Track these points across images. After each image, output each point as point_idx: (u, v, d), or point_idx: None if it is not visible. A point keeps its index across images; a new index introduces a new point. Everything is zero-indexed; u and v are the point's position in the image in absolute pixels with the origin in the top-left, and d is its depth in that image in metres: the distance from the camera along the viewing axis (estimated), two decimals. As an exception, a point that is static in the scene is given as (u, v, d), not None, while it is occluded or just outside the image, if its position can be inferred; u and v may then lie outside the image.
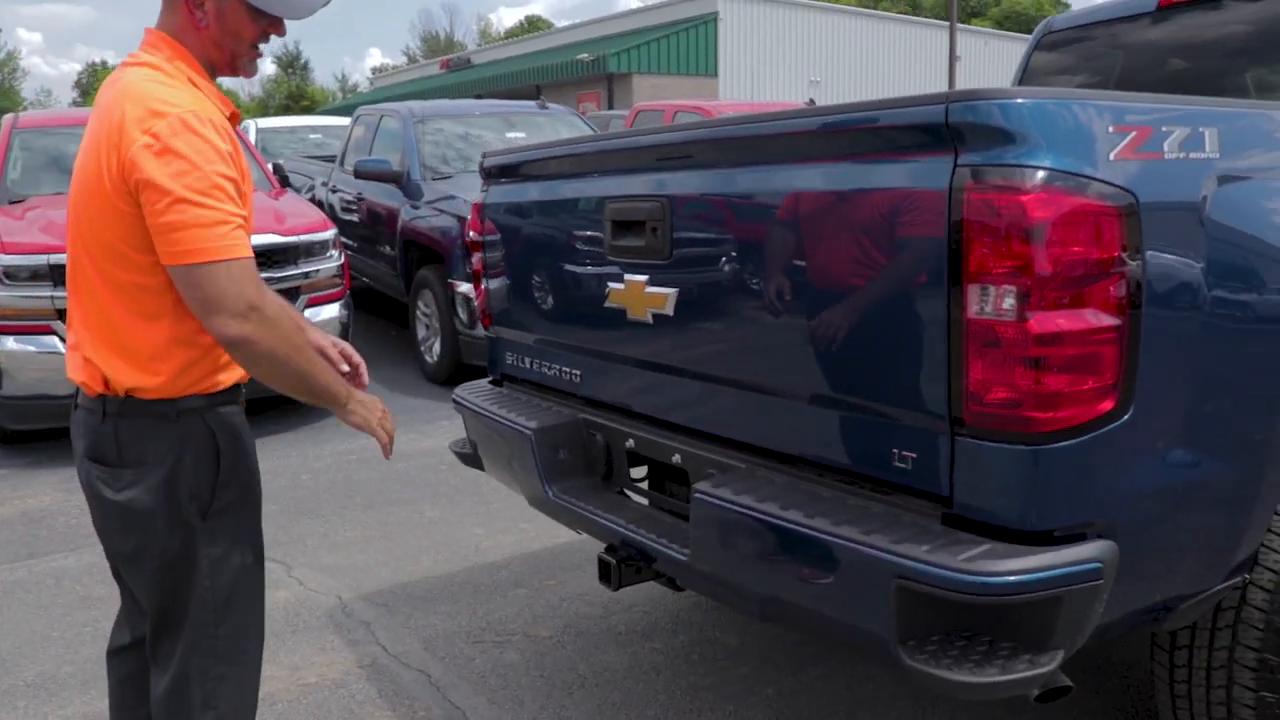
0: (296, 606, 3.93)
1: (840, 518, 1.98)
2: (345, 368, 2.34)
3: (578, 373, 2.97)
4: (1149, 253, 1.81)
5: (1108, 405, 1.79)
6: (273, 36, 2.14)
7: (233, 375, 2.11)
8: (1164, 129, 1.90)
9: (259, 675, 2.22)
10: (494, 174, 3.31)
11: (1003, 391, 1.78)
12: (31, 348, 5.85)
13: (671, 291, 2.45)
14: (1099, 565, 1.78)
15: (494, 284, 3.31)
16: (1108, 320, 1.77)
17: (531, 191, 3.11)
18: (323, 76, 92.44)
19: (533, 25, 72.39)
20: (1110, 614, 1.93)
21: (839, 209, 2.06)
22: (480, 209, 3.32)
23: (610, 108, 29.19)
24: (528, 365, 3.22)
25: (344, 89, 71.15)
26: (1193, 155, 1.93)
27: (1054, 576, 1.74)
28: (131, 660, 2.32)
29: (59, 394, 5.78)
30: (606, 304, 2.69)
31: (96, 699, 3.27)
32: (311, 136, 14.46)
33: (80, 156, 2.02)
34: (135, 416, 2.01)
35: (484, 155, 3.34)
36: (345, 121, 16.33)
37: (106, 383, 2.01)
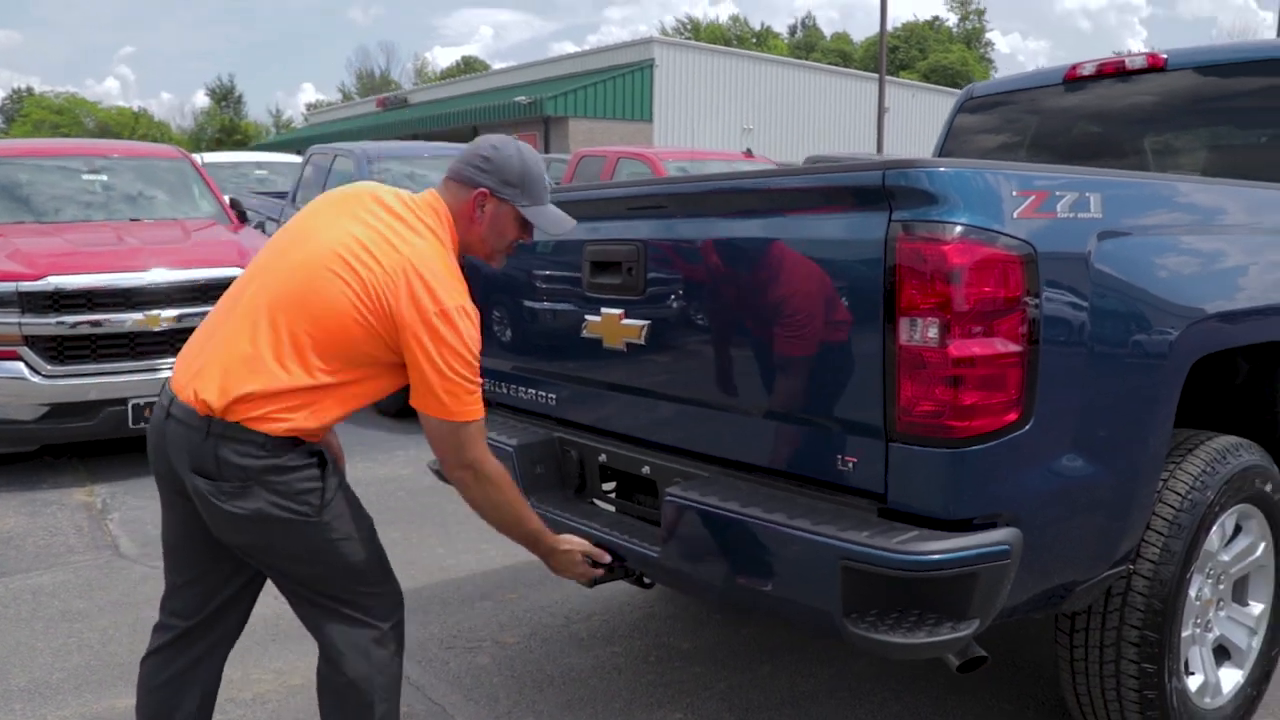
0: (275, 619, 4.16)
1: (793, 512, 2.36)
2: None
3: (553, 396, 3.31)
4: (1045, 293, 2.23)
5: (1013, 416, 2.20)
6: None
7: (319, 437, 2.40)
8: (1057, 193, 2.33)
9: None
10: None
11: (928, 405, 2.17)
12: (-6, 372, 5.98)
13: (645, 323, 2.82)
14: (1007, 547, 2.18)
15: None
16: (1013, 347, 2.18)
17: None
18: (256, 111, 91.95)
19: (469, 66, 73.00)
20: (1018, 595, 2.33)
21: (792, 253, 2.45)
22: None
23: (547, 150, 29.66)
24: (504, 390, 3.55)
25: (278, 124, 70.89)
26: (1080, 215, 2.36)
27: (971, 555, 2.14)
28: (168, 662, 2.54)
29: (22, 419, 5.96)
30: (583, 334, 3.05)
31: (91, 702, 3.50)
32: (257, 172, 14.66)
33: (329, 230, 2.35)
34: (236, 440, 2.26)
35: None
36: (290, 158, 16.62)
37: (226, 407, 2.25)
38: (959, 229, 2.16)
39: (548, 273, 3.25)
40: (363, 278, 2.27)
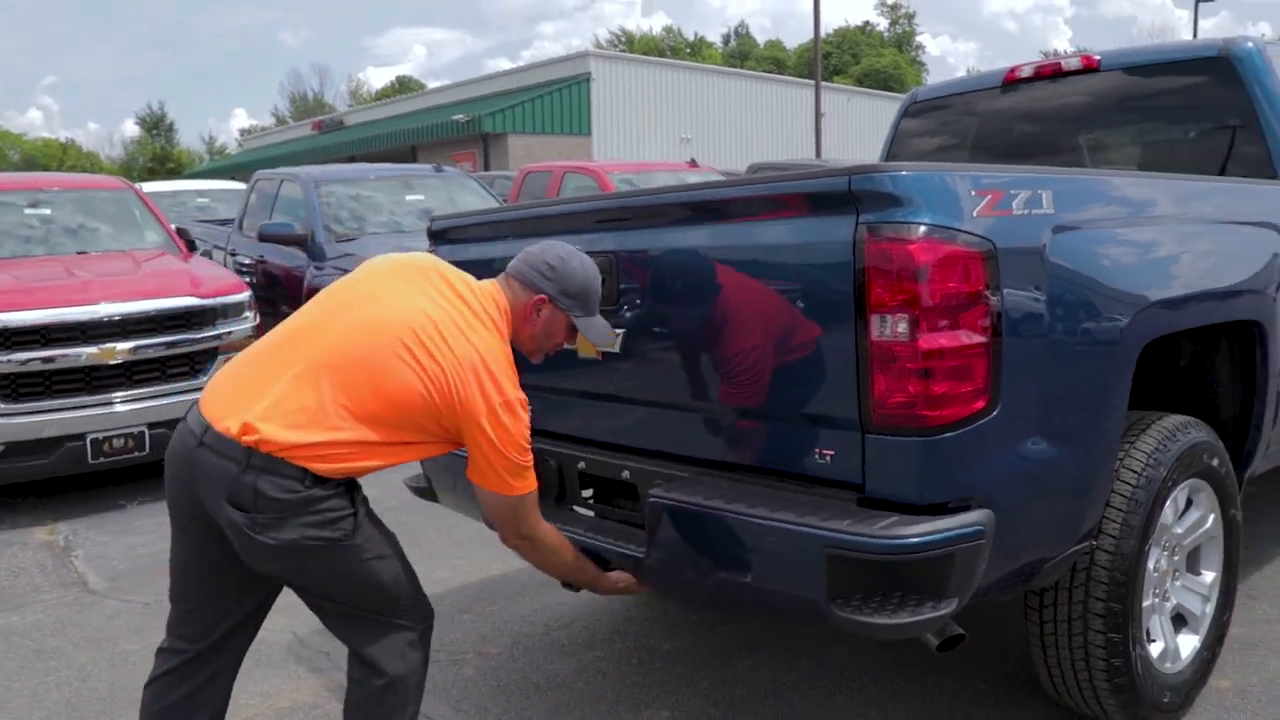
0: (256, 644, 4.17)
1: (776, 506, 2.47)
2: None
3: (530, 407, 3.38)
4: (1005, 286, 2.36)
5: (980, 404, 2.32)
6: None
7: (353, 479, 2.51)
8: (1012, 191, 2.47)
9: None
10: (442, 235, 3.73)
11: (900, 396, 2.29)
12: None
13: (619, 331, 2.91)
14: (981, 528, 2.30)
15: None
16: (978, 338, 2.31)
17: (480, 249, 3.54)
18: (188, 138, 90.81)
19: (404, 86, 72.68)
20: (991, 574, 2.46)
21: (765, 257, 2.56)
22: (431, 267, 3.73)
23: (486, 168, 29.67)
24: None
25: (212, 150, 70.02)
26: (1034, 211, 2.50)
27: (947, 537, 2.26)
28: (175, 685, 2.58)
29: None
30: (558, 345, 3.13)
31: (78, 734, 3.51)
32: (198, 200, 14.52)
33: (398, 300, 2.47)
34: (275, 474, 2.32)
35: (432, 218, 3.76)
36: (230, 184, 16.48)
37: (265, 440, 2.31)
38: (923, 229, 2.28)
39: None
40: (438, 361, 2.39)
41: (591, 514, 3.27)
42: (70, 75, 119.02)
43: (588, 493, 3.31)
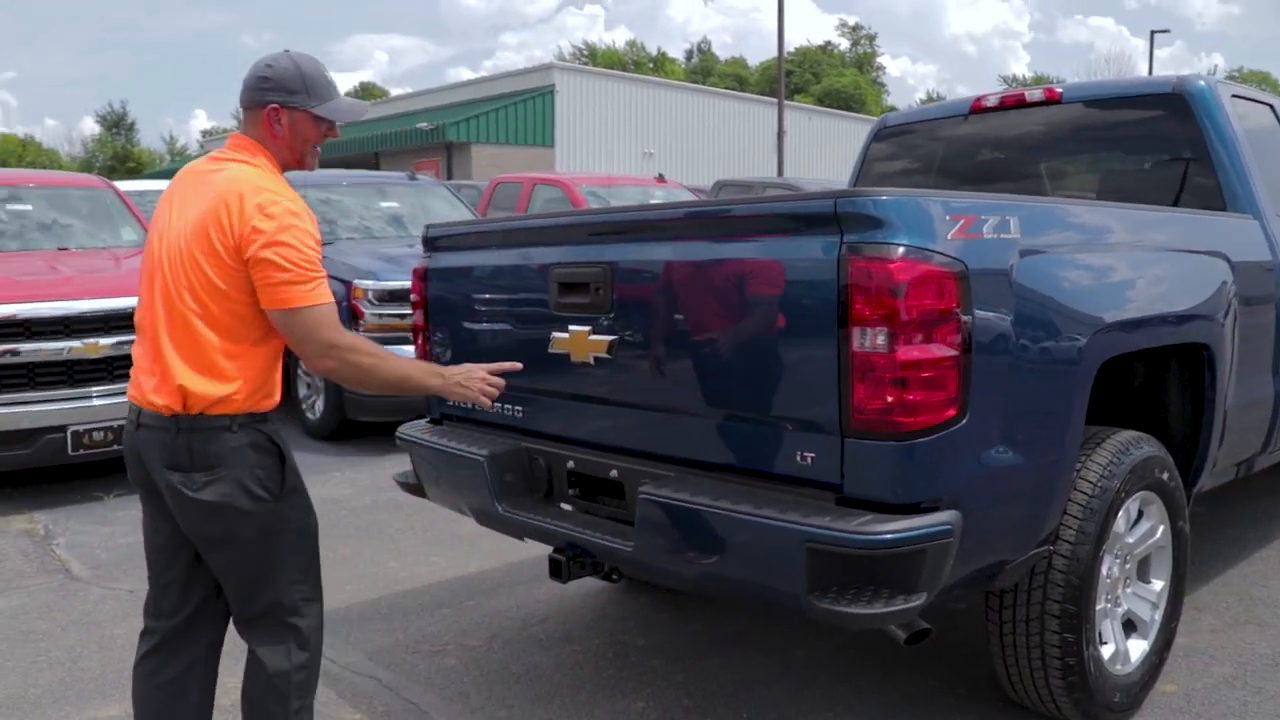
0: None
1: (760, 503, 2.64)
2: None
3: (520, 408, 3.55)
4: (976, 304, 2.56)
5: (951, 412, 2.52)
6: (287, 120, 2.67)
7: (273, 402, 2.66)
8: (983, 216, 2.67)
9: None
10: (437, 243, 3.88)
11: (878, 403, 2.48)
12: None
13: (613, 338, 3.08)
14: (950, 527, 2.49)
15: (436, 337, 3.86)
16: (950, 351, 2.50)
17: (474, 258, 3.70)
18: (149, 138, 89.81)
19: (366, 92, 72.47)
20: (958, 572, 2.65)
21: (752, 273, 2.74)
22: (424, 273, 3.88)
23: (450, 176, 29.73)
24: (468, 404, 3.77)
25: (172, 151, 69.32)
26: (1003, 235, 2.70)
27: (919, 535, 2.44)
28: (160, 665, 2.74)
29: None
30: (550, 350, 3.29)
31: (72, 713, 3.59)
32: (164, 201, 14.47)
33: (172, 219, 2.58)
34: (203, 431, 2.52)
35: (427, 227, 3.91)
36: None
37: (185, 400, 2.50)
38: (901, 249, 2.47)
39: (513, 295, 3.49)
40: (212, 223, 2.48)
41: (579, 510, 3.43)
42: (28, 72, 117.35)
43: (575, 491, 3.46)
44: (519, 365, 2.94)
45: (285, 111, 2.64)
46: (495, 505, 3.42)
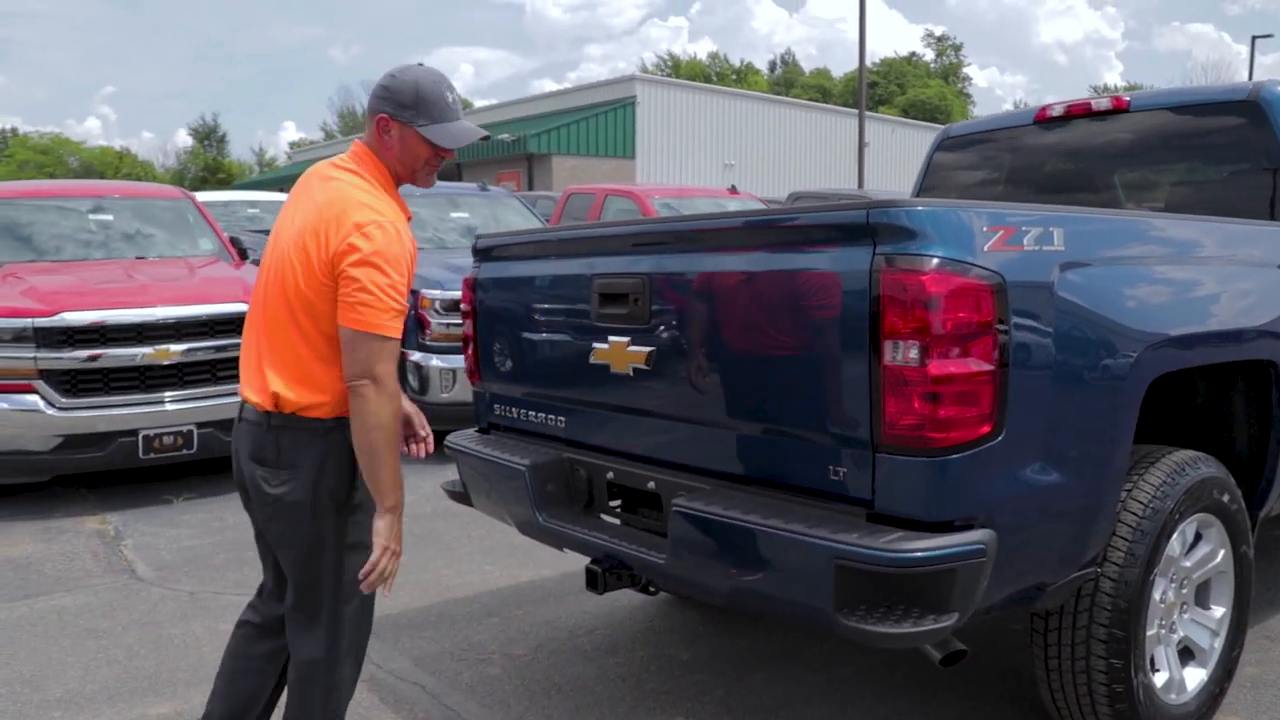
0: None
1: (790, 518, 2.60)
2: (422, 432, 2.99)
3: (562, 419, 3.55)
4: (1014, 318, 2.49)
5: (986, 429, 2.45)
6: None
7: None
8: (1024, 228, 2.60)
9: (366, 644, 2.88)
10: (486, 253, 3.90)
11: (910, 419, 2.42)
12: (6, 405, 6.09)
13: (650, 349, 3.06)
14: (983, 546, 2.42)
15: (484, 346, 3.89)
16: (985, 366, 2.43)
17: (522, 268, 3.71)
18: (239, 149, 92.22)
19: (452, 104, 73.23)
20: (994, 594, 2.57)
21: (786, 284, 2.71)
22: (473, 282, 3.91)
23: (530, 187, 29.97)
24: (514, 415, 3.79)
25: (261, 162, 71.15)
26: (1045, 248, 2.62)
27: (950, 554, 2.38)
28: (254, 635, 2.90)
29: (36, 450, 6.15)
30: (591, 360, 3.29)
31: (125, 710, 3.69)
32: (248, 210, 14.85)
33: (285, 228, 2.64)
34: (293, 429, 2.60)
35: (477, 237, 3.94)
36: (280, 196, 16.81)
37: (277, 402, 2.59)
38: (935, 261, 2.41)
39: (558, 305, 3.50)
40: (312, 236, 2.53)
41: (617, 522, 3.42)
42: (127, 86, 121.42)
43: (615, 502, 3.45)
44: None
45: (395, 124, 2.65)
46: (536, 515, 3.42)
